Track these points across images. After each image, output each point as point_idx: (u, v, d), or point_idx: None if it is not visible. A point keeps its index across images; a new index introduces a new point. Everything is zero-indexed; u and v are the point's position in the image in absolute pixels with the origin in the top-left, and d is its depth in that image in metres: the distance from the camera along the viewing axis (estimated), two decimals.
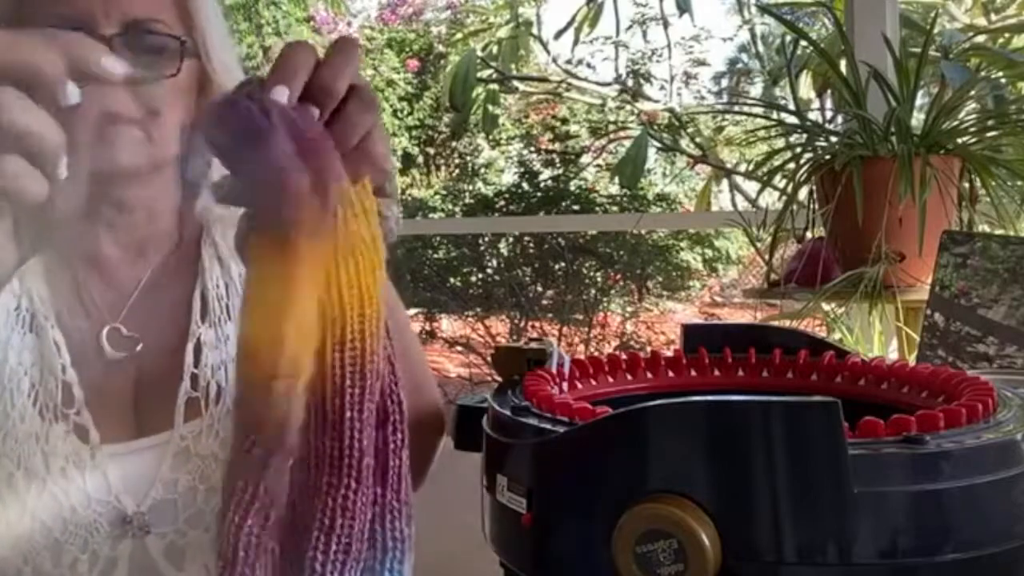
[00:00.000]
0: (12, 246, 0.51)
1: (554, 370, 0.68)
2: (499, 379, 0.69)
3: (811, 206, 1.45)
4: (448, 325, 6.25)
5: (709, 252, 5.96)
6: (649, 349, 0.77)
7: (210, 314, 0.90)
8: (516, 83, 4.99)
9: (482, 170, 7.10)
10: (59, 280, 0.88)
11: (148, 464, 0.84)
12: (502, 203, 6.26)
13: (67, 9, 0.81)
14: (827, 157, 1.38)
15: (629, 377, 0.72)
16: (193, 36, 0.87)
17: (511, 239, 6.05)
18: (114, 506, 0.82)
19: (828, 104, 2.48)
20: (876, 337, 1.41)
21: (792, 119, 1.61)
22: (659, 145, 4.97)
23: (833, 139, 1.45)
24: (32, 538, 0.80)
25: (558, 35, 4.16)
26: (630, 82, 5.43)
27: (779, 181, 1.52)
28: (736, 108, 4.20)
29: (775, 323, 1.33)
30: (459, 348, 5.88)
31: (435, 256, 6.08)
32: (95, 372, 0.86)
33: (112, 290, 0.91)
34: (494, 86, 4.05)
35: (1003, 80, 1.62)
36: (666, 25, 5.09)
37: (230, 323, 0.90)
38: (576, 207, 5.98)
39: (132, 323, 0.89)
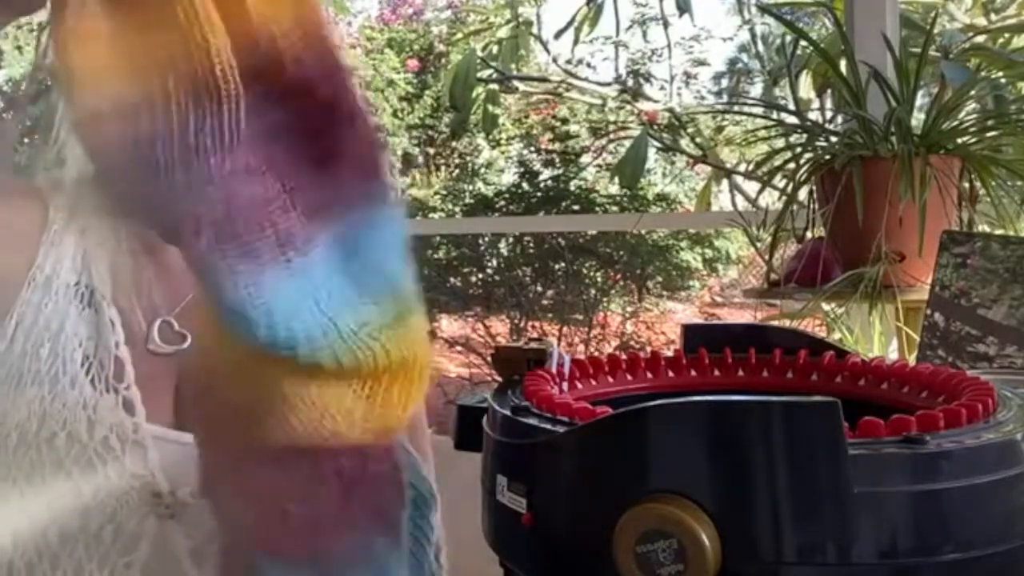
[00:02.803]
0: None
1: (554, 370, 0.68)
2: (499, 379, 0.69)
3: (811, 206, 1.45)
4: (448, 325, 6.26)
5: (709, 252, 5.97)
6: (649, 349, 0.77)
7: None
8: (516, 83, 4.99)
9: (482, 170, 7.10)
10: (121, 266, 0.90)
11: (185, 462, 0.83)
12: (502, 203, 6.26)
13: None
14: (827, 157, 1.38)
15: (629, 377, 0.72)
16: None
17: (511, 239, 6.05)
18: (147, 481, 0.83)
19: (828, 104, 2.48)
20: (876, 337, 1.41)
21: (792, 119, 1.61)
22: (659, 145, 4.97)
23: (833, 139, 1.45)
24: (64, 498, 0.81)
25: (558, 35, 4.16)
26: (630, 82, 5.44)
27: (779, 181, 1.52)
28: (736, 108, 4.21)
29: (775, 323, 1.33)
30: (459, 348, 5.88)
31: (435, 256, 6.08)
32: (141, 359, 0.88)
33: (169, 285, 0.93)
34: (494, 86, 4.05)
35: (1003, 80, 1.62)
36: (666, 25, 5.09)
37: None
38: (576, 207, 5.98)
39: (185, 322, 0.91)
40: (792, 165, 1.45)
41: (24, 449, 0.81)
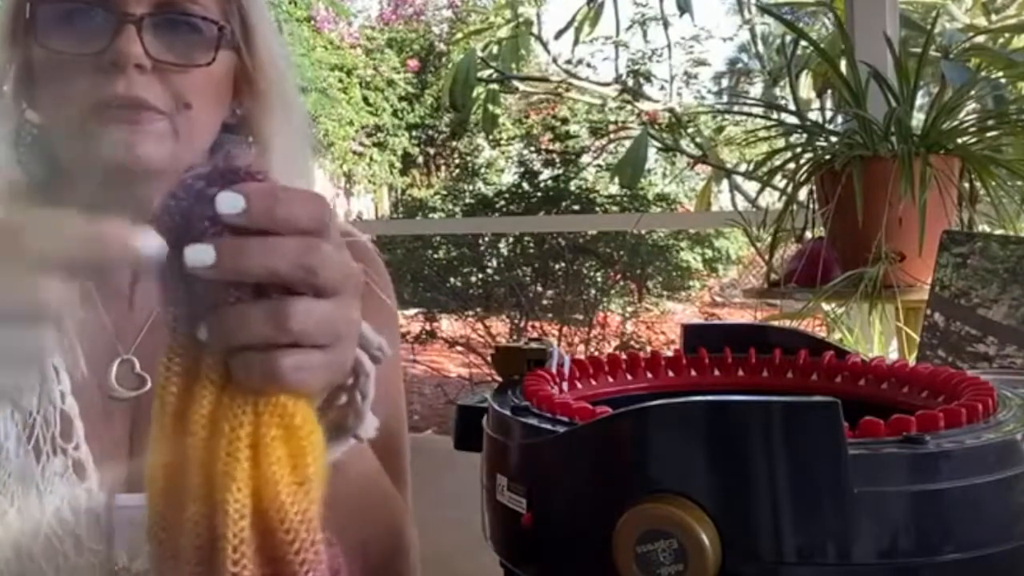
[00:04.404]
0: None
1: (554, 370, 0.68)
2: (499, 379, 0.69)
3: (811, 206, 1.45)
4: (448, 325, 6.26)
5: (709, 252, 5.97)
6: (649, 349, 0.77)
7: None
8: (516, 83, 4.99)
9: (482, 170, 7.10)
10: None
11: (142, 524, 0.77)
12: (502, 203, 6.26)
13: None
14: (827, 157, 1.38)
15: (629, 377, 0.72)
16: (233, 23, 0.79)
17: (511, 239, 6.05)
18: (107, 555, 0.75)
19: (828, 104, 2.48)
20: (876, 337, 1.41)
21: (792, 119, 1.62)
22: (659, 145, 4.97)
23: (833, 139, 1.45)
24: None
25: (558, 35, 4.16)
26: (630, 82, 5.44)
27: (779, 181, 1.52)
28: (736, 108, 4.21)
29: (775, 323, 1.33)
30: (459, 348, 5.88)
31: (435, 256, 6.08)
32: (93, 407, 0.78)
33: (122, 312, 0.81)
34: (494, 86, 4.05)
35: (1003, 80, 1.62)
36: (666, 25, 5.10)
37: None
38: (576, 207, 5.98)
39: (141, 357, 0.80)
40: (792, 165, 1.45)
41: None
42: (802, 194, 1.44)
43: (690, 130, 4.93)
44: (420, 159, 7.42)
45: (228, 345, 0.46)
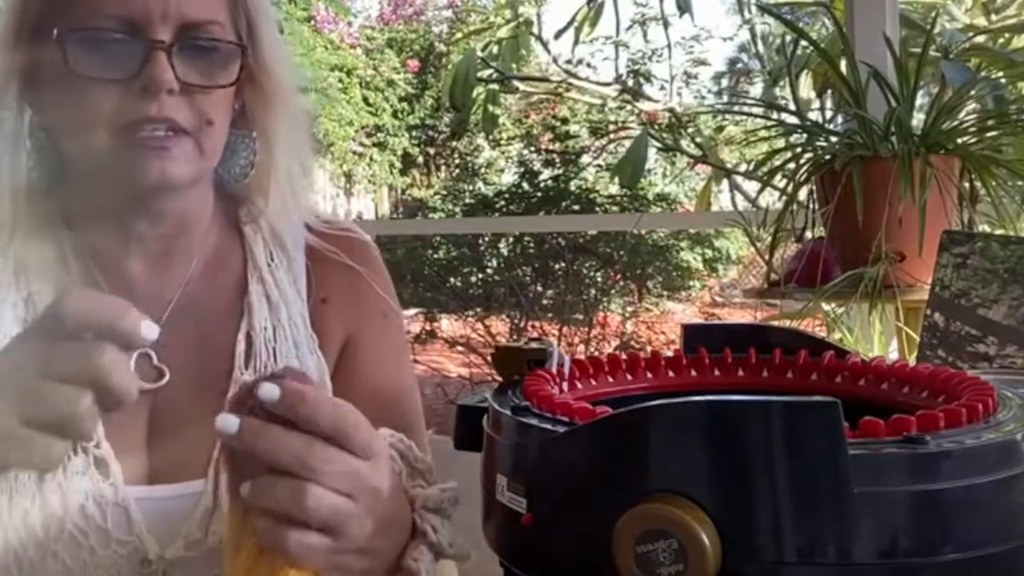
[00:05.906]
0: None
1: (554, 370, 0.68)
2: (499, 379, 0.69)
3: (811, 206, 1.45)
4: (448, 325, 6.26)
5: (709, 252, 5.97)
6: (649, 349, 0.77)
7: (255, 358, 0.83)
8: (516, 83, 4.99)
9: (482, 170, 7.11)
10: (69, 286, 0.78)
11: (173, 514, 0.77)
12: (502, 203, 6.26)
13: (122, 10, 0.74)
14: (827, 157, 1.38)
15: (629, 377, 0.72)
16: (240, 25, 0.81)
17: (511, 239, 6.05)
18: (135, 547, 0.76)
19: (828, 104, 2.48)
20: (876, 337, 1.41)
21: (792, 119, 1.62)
22: (659, 145, 4.96)
23: (833, 139, 1.45)
24: None
25: (558, 35, 4.15)
26: (630, 82, 5.44)
27: (779, 181, 1.52)
28: (736, 108, 4.21)
29: (775, 323, 1.33)
30: (459, 348, 5.88)
31: (435, 256, 6.08)
32: None
33: (137, 304, 0.79)
34: (494, 86, 4.04)
35: (1003, 80, 1.62)
36: (666, 25, 5.09)
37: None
38: (576, 207, 5.98)
39: (159, 349, 0.80)
40: (792, 165, 1.45)
41: (0, 531, 0.72)
42: (802, 194, 1.44)
43: (690, 130, 4.93)
44: (420, 159, 7.43)
45: (255, 505, 0.56)
